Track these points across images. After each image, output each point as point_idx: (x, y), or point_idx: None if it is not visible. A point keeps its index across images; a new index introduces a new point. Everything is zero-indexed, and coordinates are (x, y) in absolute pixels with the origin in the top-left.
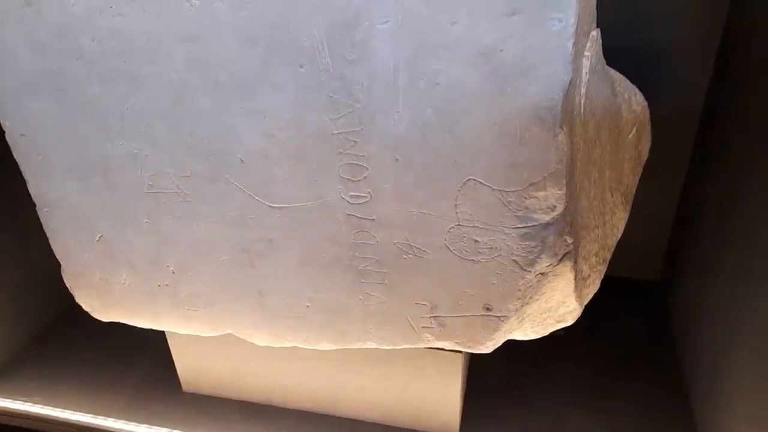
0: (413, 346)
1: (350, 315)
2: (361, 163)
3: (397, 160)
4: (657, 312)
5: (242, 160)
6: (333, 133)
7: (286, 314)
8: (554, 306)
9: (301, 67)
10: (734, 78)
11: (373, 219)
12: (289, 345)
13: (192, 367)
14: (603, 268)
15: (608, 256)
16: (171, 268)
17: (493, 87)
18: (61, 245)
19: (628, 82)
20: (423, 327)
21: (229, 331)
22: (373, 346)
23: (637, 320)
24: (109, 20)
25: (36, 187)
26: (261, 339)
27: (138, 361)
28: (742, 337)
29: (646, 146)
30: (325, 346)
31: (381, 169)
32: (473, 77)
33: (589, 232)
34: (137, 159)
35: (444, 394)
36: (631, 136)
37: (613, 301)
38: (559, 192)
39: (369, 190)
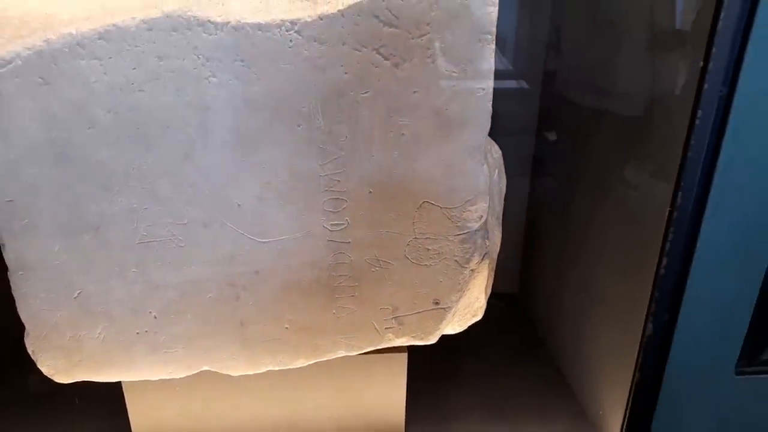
0: (377, 347)
1: (324, 329)
2: (341, 198)
3: (370, 192)
4: (521, 319)
5: (239, 205)
6: (320, 176)
7: (264, 340)
8: (472, 301)
9: (298, 126)
10: (558, 122)
11: (349, 242)
12: (264, 370)
13: (146, 418)
14: (492, 274)
15: (494, 265)
16: (153, 314)
17: (441, 134)
18: (29, 308)
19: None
20: (386, 328)
21: (205, 368)
22: (343, 354)
23: (506, 327)
24: (129, 95)
25: (14, 251)
26: (238, 369)
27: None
28: (594, 326)
29: (504, 182)
30: (300, 363)
31: (357, 201)
32: (428, 128)
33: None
34: (135, 213)
35: (391, 394)
36: (495, 176)
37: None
38: (484, 205)
39: (347, 218)
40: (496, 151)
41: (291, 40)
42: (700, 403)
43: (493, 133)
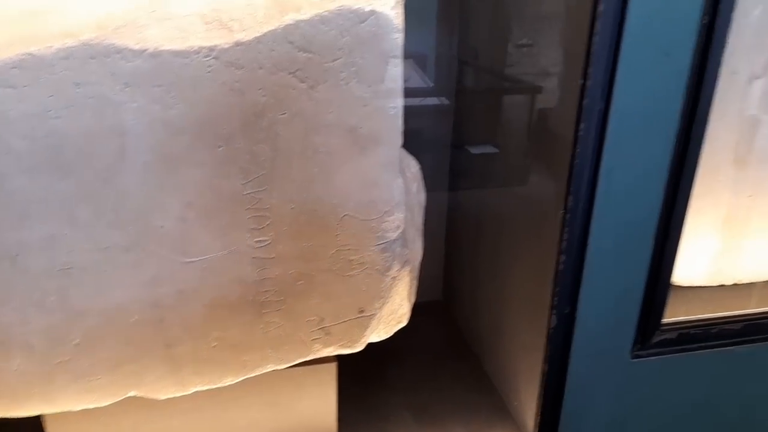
0: (306, 359)
1: (252, 345)
2: (265, 214)
3: (293, 208)
4: (446, 323)
5: (161, 227)
6: (243, 194)
7: (191, 360)
8: (396, 308)
9: (219, 147)
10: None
11: (274, 257)
12: (193, 391)
13: None
14: (416, 283)
15: (417, 273)
16: (75, 341)
17: (357, 150)
18: None
19: (405, 152)
20: (313, 339)
21: (132, 393)
22: (272, 368)
23: (433, 331)
24: (46, 122)
25: None
26: (165, 392)
27: None
28: (511, 322)
29: (423, 195)
30: (229, 381)
31: (280, 217)
32: (344, 145)
33: (410, 251)
34: (55, 239)
35: (323, 403)
36: (415, 189)
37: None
38: (401, 215)
39: (271, 234)
40: (413, 166)
41: (209, 66)
42: (602, 387)
43: (415, 149)
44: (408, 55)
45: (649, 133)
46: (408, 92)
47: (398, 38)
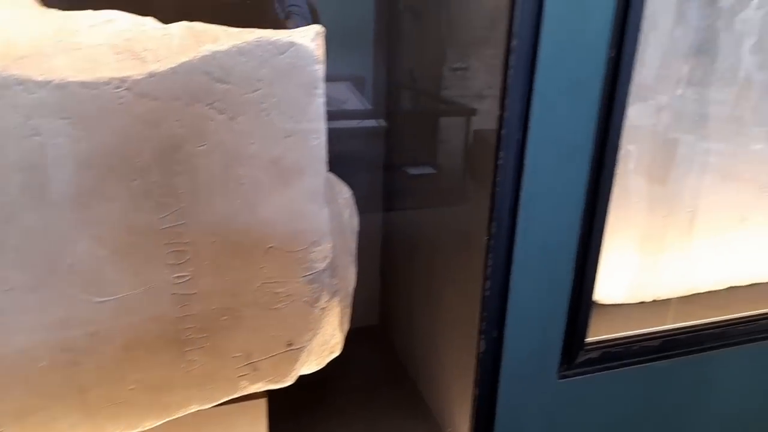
0: (232, 396)
1: (174, 385)
2: (184, 249)
3: (214, 242)
4: (383, 348)
5: (71, 265)
6: (160, 229)
7: (108, 404)
8: (328, 338)
9: (133, 180)
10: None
11: (195, 293)
12: None
13: None
14: (349, 311)
15: (350, 302)
16: None
17: (281, 181)
18: None
19: (336, 179)
20: (240, 376)
21: None
22: (196, 409)
23: (370, 357)
24: None
25: None
26: None
27: None
28: (446, 345)
29: (356, 221)
30: (149, 424)
31: (201, 251)
32: (267, 177)
33: (340, 280)
34: None
35: None
36: (347, 215)
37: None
38: (329, 245)
39: (191, 269)
40: (345, 192)
41: (121, 98)
42: (533, 409)
43: (352, 170)
44: (346, 77)
45: (565, 160)
46: (345, 114)
47: (319, 70)
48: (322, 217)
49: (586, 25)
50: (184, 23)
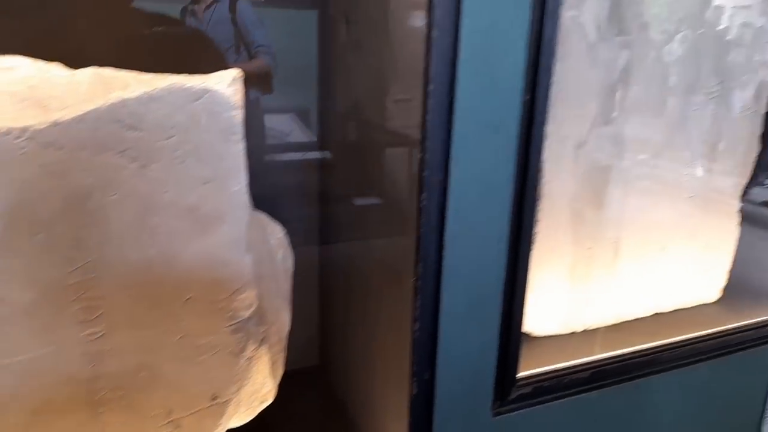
0: None
1: None
2: (95, 304)
3: (129, 295)
4: (324, 393)
5: None
6: (68, 284)
7: None
8: (258, 387)
9: (37, 234)
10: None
11: (109, 349)
12: None
13: None
14: (284, 354)
15: (284, 345)
16: None
17: (199, 229)
18: None
19: (269, 219)
20: None
21: None
22: None
23: (310, 402)
24: None
25: None
26: None
27: None
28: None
29: (290, 261)
30: None
31: (115, 306)
32: (184, 225)
33: (271, 325)
34: None
35: None
36: (280, 256)
37: (286, 392)
38: (253, 293)
39: (104, 325)
40: (278, 231)
41: (22, 148)
42: None
43: (295, 204)
44: (290, 109)
45: (487, 199)
46: (290, 147)
47: (236, 115)
48: (245, 263)
49: (500, 71)
50: (92, 69)
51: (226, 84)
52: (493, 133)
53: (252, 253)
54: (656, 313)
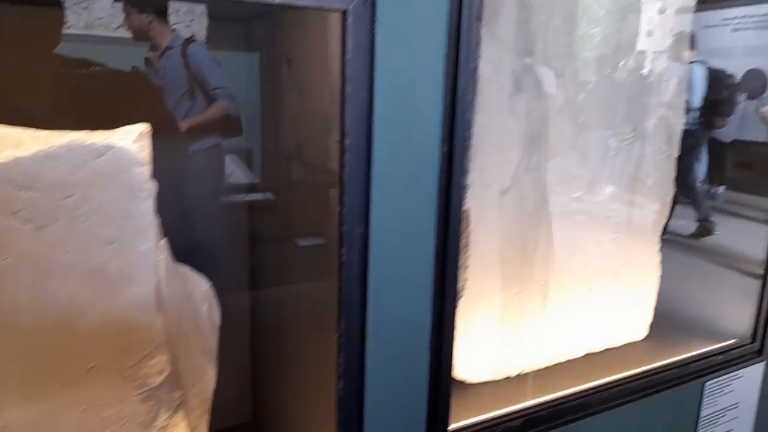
0: None
1: None
2: None
3: (24, 366)
4: None
5: None
6: None
7: None
8: None
9: None
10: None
11: (1, 427)
12: None
13: None
14: (207, 417)
15: (207, 406)
16: None
17: (104, 292)
18: None
19: (193, 271)
20: None
21: None
22: None
23: None
24: None
25: None
26: None
27: None
28: None
29: (217, 314)
30: None
31: (7, 378)
32: (87, 288)
33: (190, 388)
34: None
35: None
36: (205, 310)
37: None
38: (164, 358)
39: None
40: (203, 284)
41: None
42: None
43: (235, 247)
44: (232, 150)
45: (410, 251)
46: (231, 188)
47: (143, 172)
48: (156, 326)
49: (417, 124)
50: None
51: (131, 140)
52: (412, 185)
53: (170, 310)
54: (587, 354)
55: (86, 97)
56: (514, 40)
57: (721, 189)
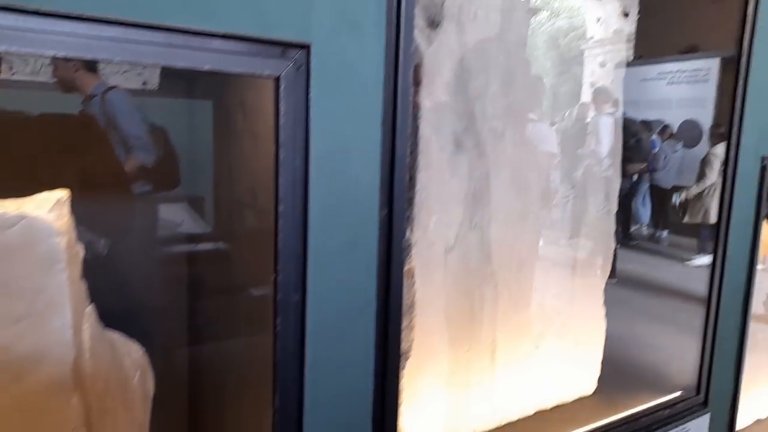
0: None
1: None
2: None
3: None
4: None
5: None
6: None
7: None
8: None
9: None
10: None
11: None
12: None
13: None
14: None
15: None
16: None
17: (11, 375)
18: None
19: (125, 338)
20: None
21: None
22: None
23: None
24: None
25: None
26: None
27: None
28: None
29: (150, 383)
30: None
31: None
32: None
33: None
34: None
35: None
36: (137, 379)
37: None
38: None
39: None
40: (135, 351)
41: None
42: None
43: (183, 300)
44: (182, 198)
45: (350, 318)
46: (179, 238)
47: (59, 243)
48: (72, 408)
49: (354, 189)
50: None
51: (46, 209)
52: (351, 250)
53: (95, 385)
54: (538, 411)
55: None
56: (453, 102)
57: (665, 233)
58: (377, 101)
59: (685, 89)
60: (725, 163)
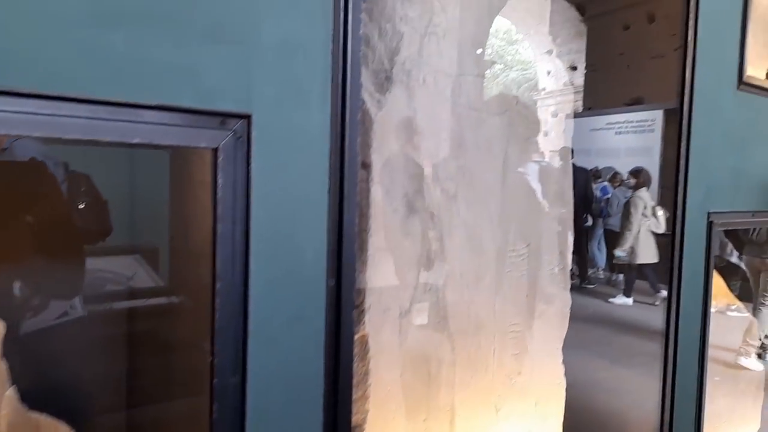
0: None
1: None
2: None
3: None
4: None
5: None
6: None
7: None
8: None
9: None
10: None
11: None
12: None
13: None
14: None
15: None
16: None
17: None
18: None
19: (52, 419)
20: None
21: None
22: None
23: None
24: None
25: None
26: None
27: None
28: None
29: None
30: None
31: None
32: None
33: None
34: None
35: None
36: None
37: None
38: None
39: None
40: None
41: None
42: None
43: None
44: (135, 249)
45: (294, 402)
46: (131, 293)
47: None
48: None
49: (299, 259)
50: None
51: None
52: (296, 325)
53: None
54: None
55: None
56: (405, 165)
57: (621, 276)
58: (323, 169)
59: (632, 138)
60: (672, 221)
